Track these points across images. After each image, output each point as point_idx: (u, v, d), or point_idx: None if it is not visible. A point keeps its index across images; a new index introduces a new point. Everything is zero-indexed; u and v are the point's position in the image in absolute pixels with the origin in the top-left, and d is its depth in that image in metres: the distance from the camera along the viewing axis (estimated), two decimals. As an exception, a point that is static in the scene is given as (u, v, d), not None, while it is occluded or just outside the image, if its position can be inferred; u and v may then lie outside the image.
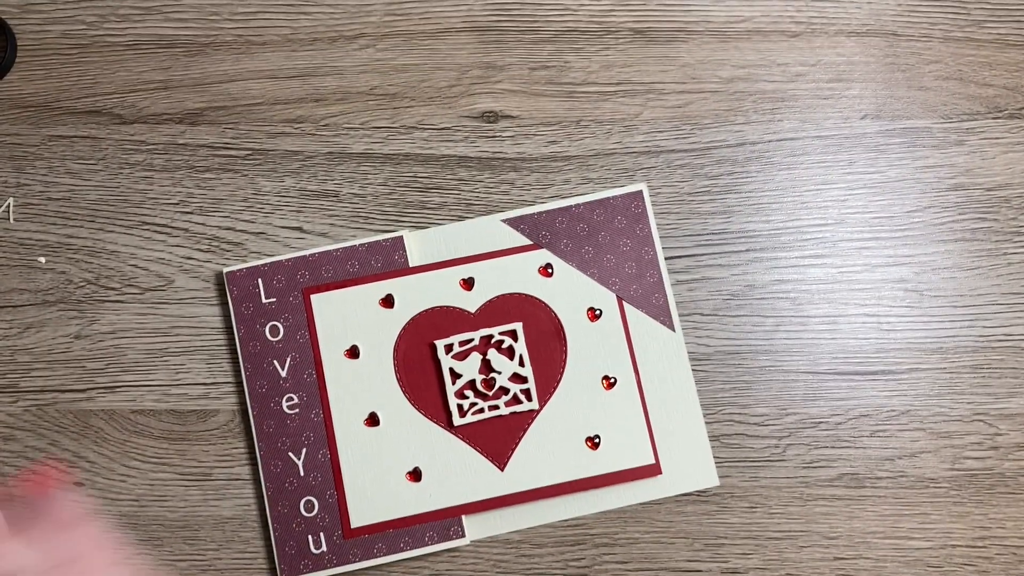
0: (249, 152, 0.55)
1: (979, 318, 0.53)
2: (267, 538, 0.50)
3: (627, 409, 0.51)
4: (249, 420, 0.51)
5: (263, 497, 0.51)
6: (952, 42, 0.56)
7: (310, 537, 0.50)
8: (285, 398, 0.51)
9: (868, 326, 0.53)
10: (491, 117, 0.55)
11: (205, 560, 0.51)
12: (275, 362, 0.51)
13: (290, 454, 0.51)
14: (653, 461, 0.51)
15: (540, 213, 0.53)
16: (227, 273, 0.53)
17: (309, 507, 0.50)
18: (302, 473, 0.50)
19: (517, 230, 0.53)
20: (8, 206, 0.54)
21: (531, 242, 0.53)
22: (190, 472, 0.51)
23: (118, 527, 0.45)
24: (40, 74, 0.55)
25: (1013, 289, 0.53)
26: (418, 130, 0.55)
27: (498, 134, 0.55)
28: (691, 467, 0.51)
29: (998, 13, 0.56)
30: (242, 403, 0.52)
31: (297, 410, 0.51)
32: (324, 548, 0.50)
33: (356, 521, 0.50)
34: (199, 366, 0.52)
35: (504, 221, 0.53)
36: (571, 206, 0.53)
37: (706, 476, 0.51)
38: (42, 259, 0.54)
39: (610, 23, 0.56)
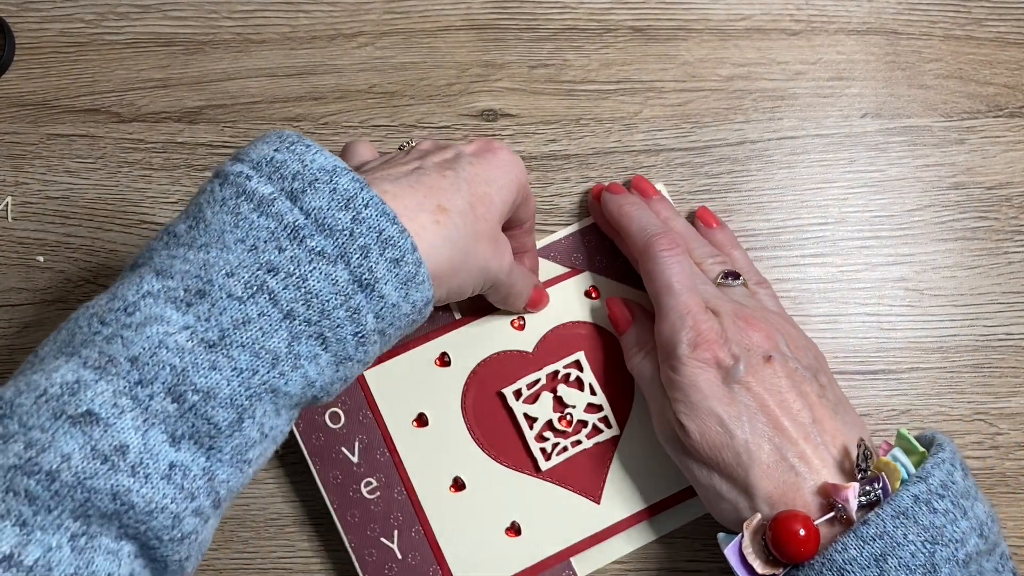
0: (248, 151, 0.54)
1: (980, 317, 0.53)
2: None
3: None
4: (326, 506, 0.49)
5: None
6: (952, 40, 0.56)
7: None
8: (363, 483, 0.48)
9: (868, 325, 0.53)
10: (491, 115, 0.55)
11: None
12: (343, 449, 0.49)
13: (382, 539, 0.48)
14: None
15: (566, 237, 0.52)
16: None
17: None
18: (399, 556, 0.48)
19: (548, 259, 0.52)
20: (7, 205, 0.54)
21: (567, 269, 0.52)
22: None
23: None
24: (38, 72, 0.55)
25: (1014, 288, 0.53)
26: (417, 128, 0.55)
27: (498, 132, 0.55)
28: None
29: (998, 11, 0.56)
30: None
31: (378, 493, 0.48)
32: None
33: None
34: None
35: None
36: (593, 223, 0.52)
37: None
38: (40, 258, 0.54)
39: (609, 21, 0.56)
